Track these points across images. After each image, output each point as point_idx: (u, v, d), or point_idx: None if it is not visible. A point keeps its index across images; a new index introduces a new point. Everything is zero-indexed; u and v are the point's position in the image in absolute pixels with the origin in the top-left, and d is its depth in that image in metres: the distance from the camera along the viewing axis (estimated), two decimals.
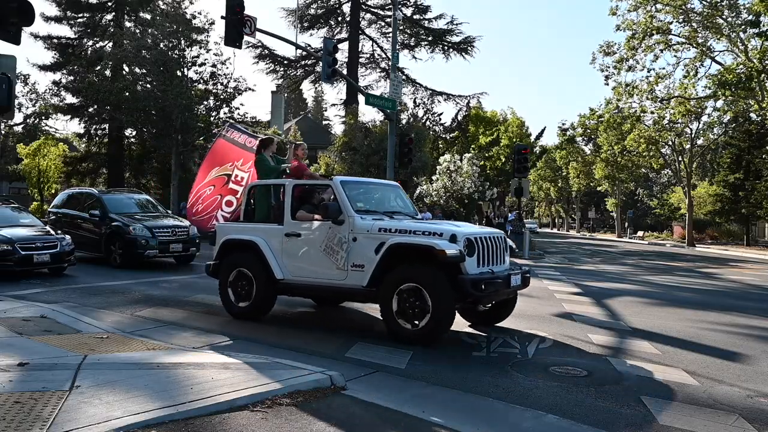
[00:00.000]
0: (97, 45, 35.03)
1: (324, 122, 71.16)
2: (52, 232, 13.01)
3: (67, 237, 12.98)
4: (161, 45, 27.86)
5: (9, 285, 10.48)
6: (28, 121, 46.09)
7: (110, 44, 33.08)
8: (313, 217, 7.51)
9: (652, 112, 34.63)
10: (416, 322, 6.55)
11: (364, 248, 6.91)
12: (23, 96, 45.46)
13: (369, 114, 78.26)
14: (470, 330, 7.71)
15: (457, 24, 37.52)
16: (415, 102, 37.62)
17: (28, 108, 46.12)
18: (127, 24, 34.38)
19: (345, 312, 8.92)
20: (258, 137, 9.41)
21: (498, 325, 7.92)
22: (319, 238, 7.32)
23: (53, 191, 34.46)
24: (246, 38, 17.94)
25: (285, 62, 38.83)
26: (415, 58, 59.73)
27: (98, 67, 31.88)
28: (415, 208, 8.84)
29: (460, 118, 40.56)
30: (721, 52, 31.54)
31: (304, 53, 34.25)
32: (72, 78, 34.56)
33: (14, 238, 11.89)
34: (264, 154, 8.72)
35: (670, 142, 41.11)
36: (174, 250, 14.53)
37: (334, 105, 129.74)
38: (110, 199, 15.54)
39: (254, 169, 8.86)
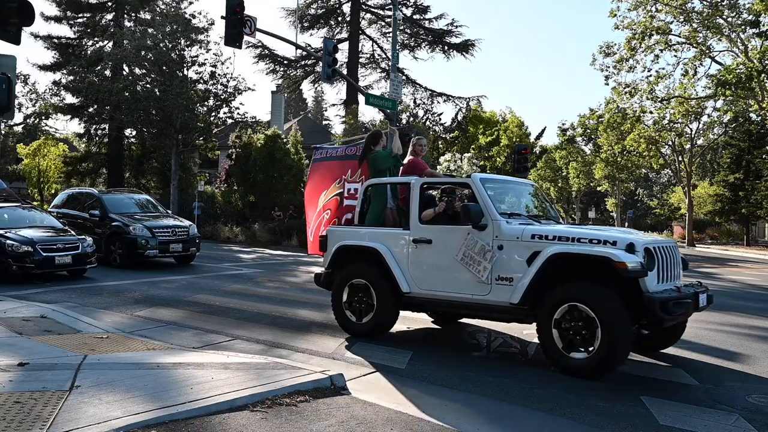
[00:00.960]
0: (97, 45, 35.07)
1: (324, 122, 71.13)
2: (72, 232, 12.68)
3: (89, 238, 12.60)
4: (161, 45, 27.87)
5: (9, 285, 10.48)
6: (28, 121, 46.14)
7: (110, 44, 33.11)
8: (444, 219, 6.59)
9: (651, 112, 34.61)
10: (582, 348, 5.51)
11: (513, 258, 5.94)
12: (23, 96, 45.56)
13: (369, 114, 78.24)
14: (470, 330, 7.71)
15: (457, 26, 37.58)
16: (415, 102, 37.61)
17: (28, 108, 46.21)
18: (127, 24, 34.41)
19: None
20: (357, 144, 8.36)
21: (497, 325, 7.91)
22: (456, 246, 6.29)
23: (53, 191, 34.51)
24: (246, 38, 17.94)
25: (285, 62, 38.84)
26: (416, 58, 59.61)
27: (98, 67, 31.92)
28: (557, 212, 7.76)
29: (459, 118, 40.54)
30: (721, 52, 31.42)
31: (304, 53, 34.27)
32: (72, 78, 34.61)
33: (35, 239, 11.52)
34: (377, 150, 7.71)
35: (670, 142, 41.09)
36: (174, 250, 14.53)
37: (334, 105, 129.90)
38: (110, 199, 15.53)
39: (368, 169, 7.74)
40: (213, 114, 29.61)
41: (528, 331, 7.62)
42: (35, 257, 11.27)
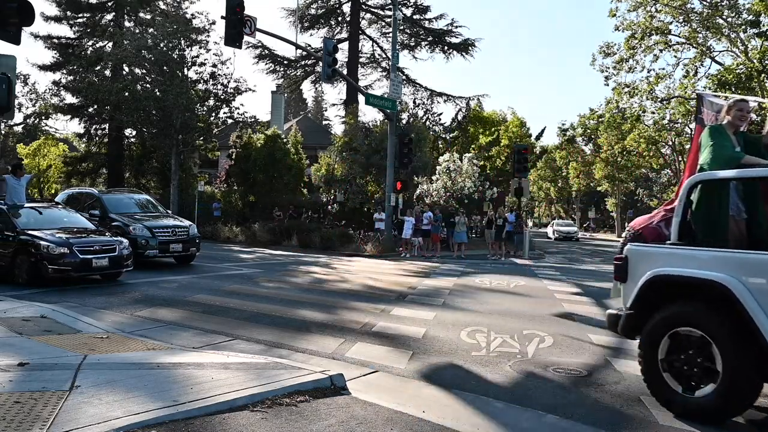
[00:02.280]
0: (97, 45, 35.07)
1: (324, 122, 71.13)
2: (108, 233, 12.15)
3: (125, 240, 11.96)
4: (161, 45, 27.88)
5: (9, 285, 10.48)
6: (28, 121, 46.15)
7: (110, 44, 33.11)
8: None
9: (652, 112, 34.63)
10: None
11: None
12: (23, 96, 45.57)
13: (369, 114, 78.27)
14: (470, 330, 7.71)
15: (457, 26, 37.58)
16: (415, 102, 37.64)
17: (28, 108, 46.22)
18: (127, 24, 34.42)
19: (345, 312, 8.92)
20: (727, 102, 5.38)
21: (497, 325, 7.90)
22: None
23: (53, 191, 34.51)
24: (246, 38, 17.96)
25: (285, 62, 38.83)
26: (416, 58, 59.79)
27: (98, 67, 31.91)
28: None
29: (460, 118, 40.57)
30: (721, 52, 31.43)
31: (304, 53, 34.28)
32: (72, 78, 34.63)
33: (71, 240, 10.86)
34: (722, 128, 5.09)
35: (670, 142, 41.10)
36: (174, 250, 14.53)
37: (334, 105, 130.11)
38: (110, 199, 15.53)
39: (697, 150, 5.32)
40: (213, 114, 29.62)
41: (528, 331, 7.62)
42: (72, 259, 10.60)
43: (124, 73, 31.33)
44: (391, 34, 24.09)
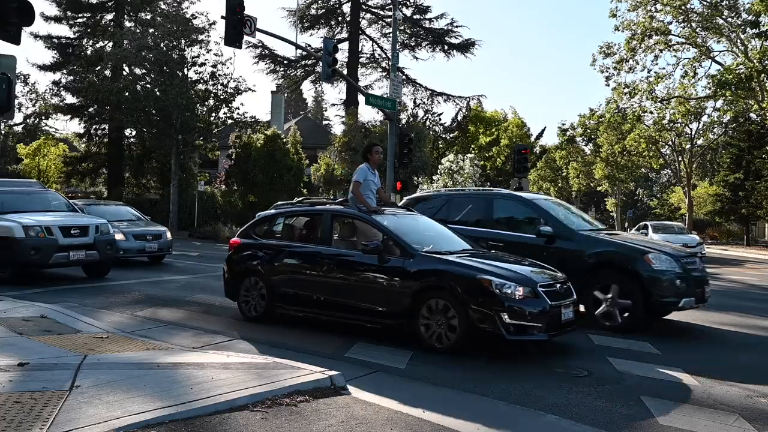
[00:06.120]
0: (97, 45, 35.05)
1: (324, 122, 71.12)
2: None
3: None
4: (161, 45, 27.88)
5: (9, 285, 10.47)
6: (28, 121, 46.11)
7: (110, 44, 33.11)
8: None
9: (651, 113, 34.63)
10: None
11: None
12: (23, 96, 45.51)
13: (369, 114, 78.25)
14: None
15: (457, 27, 37.60)
16: (415, 102, 37.66)
17: (28, 108, 46.17)
18: (128, 24, 34.39)
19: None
20: None
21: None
22: None
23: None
24: (246, 38, 17.96)
25: (285, 62, 38.85)
26: (416, 58, 59.68)
27: (98, 67, 31.90)
28: None
29: (460, 118, 40.59)
30: (720, 52, 31.46)
31: (304, 53, 34.26)
32: (72, 78, 34.61)
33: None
34: None
35: (670, 142, 41.09)
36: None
37: (334, 105, 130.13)
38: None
39: None
40: (213, 114, 29.62)
41: None
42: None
43: (124, 73, 31.32)
44: (391, 34, 24.08)
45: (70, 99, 36.10)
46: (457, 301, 6.09)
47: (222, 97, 29.22)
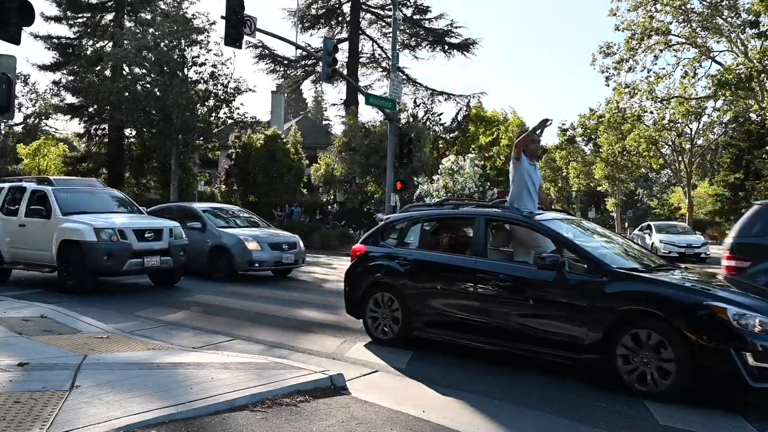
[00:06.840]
0: (97, 45, 35.04)
1: (324, 122, 71.09)
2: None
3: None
4: (161, 45, 27.88)
5: (9, 285, 10.47)
6: (28, 121, 46.13)
7: (110, 44, 33.10)
8: None
9: (651, 113, 34.62)
10: None
11: None
12: (23, 96, 45.54)
13: (369, 114, 78.20)
14: None
15: (457, 26, 37.58)
16: (415, 102, 37.62)
17: (28, 108, 46.19)
18: (128, 24, 34.39)
19: (345, 312, 8.91)
20: None
21: None
22: None
23: None
24: (246, 38, 17.95)
25: (285, 62, 38.82)
26: (416, 57, 59.73)
27: (98, 67, 31.90)
28: None
29: (460, 118, 40.57)
30: (721, 52, 31.45)
31: (305, 53, 34.23)
32: (72, 78, 34.59)
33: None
34: None
35: (670, 142, 41.10)
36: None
37: (334, 105, 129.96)
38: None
39: None
40: (213, 114, 29.61)
41: None
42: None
43: (124, 73, 31.30)
44: (391, 34, 24.08)
45: (70, 99, 36.09)
46: (677, 333, 4.79)
47: (222, 97, 29.19)
